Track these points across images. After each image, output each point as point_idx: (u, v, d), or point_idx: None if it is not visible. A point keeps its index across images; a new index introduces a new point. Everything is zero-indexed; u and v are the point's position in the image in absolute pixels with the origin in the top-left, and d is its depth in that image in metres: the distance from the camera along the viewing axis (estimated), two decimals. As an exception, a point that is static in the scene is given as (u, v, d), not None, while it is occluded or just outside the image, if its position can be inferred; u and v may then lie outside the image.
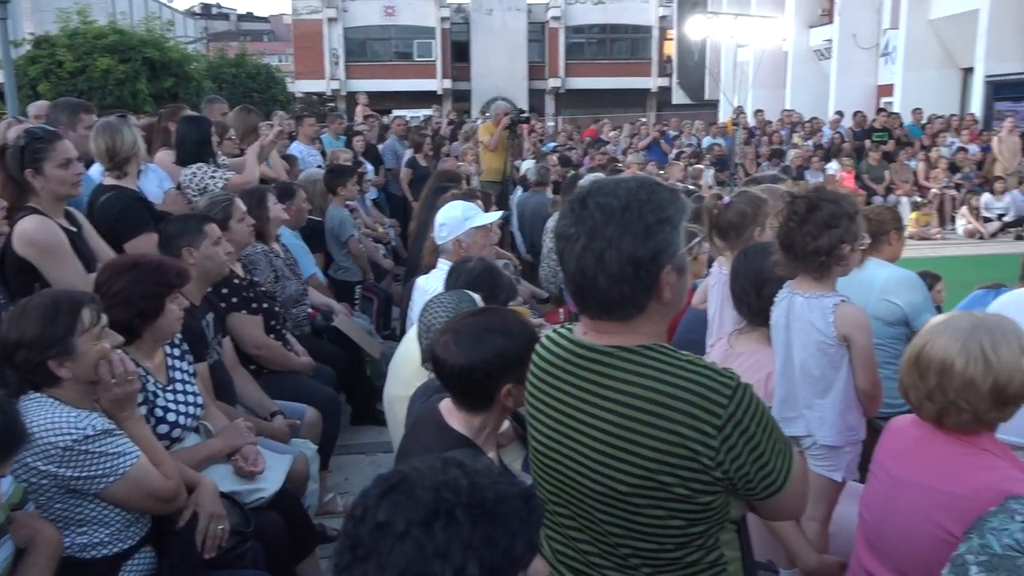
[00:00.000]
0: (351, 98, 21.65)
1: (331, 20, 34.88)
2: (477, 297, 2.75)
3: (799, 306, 2.47)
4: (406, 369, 2.94)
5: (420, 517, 0.98)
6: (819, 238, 2.39)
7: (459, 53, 35.87)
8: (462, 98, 34.95)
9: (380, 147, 10.18)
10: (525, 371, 1.79)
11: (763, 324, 2.67)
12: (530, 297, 5.58)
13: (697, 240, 1.60)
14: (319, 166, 7.39)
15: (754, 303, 2.71)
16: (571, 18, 36.50)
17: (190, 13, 44.84)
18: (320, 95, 33.95)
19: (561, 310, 5.40)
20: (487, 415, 2.04)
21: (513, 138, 8.91)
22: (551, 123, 23.19)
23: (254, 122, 6.03)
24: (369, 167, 8.79)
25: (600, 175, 6.19)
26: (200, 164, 4.66)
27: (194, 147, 4.74)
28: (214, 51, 26.94)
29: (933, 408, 1.89)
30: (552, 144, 15.33)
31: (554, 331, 1.70)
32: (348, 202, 6.34)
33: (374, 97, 22.23)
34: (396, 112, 18.84)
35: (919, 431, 1.97)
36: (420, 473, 1.04)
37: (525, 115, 10.25)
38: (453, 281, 3.17)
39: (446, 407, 2.08)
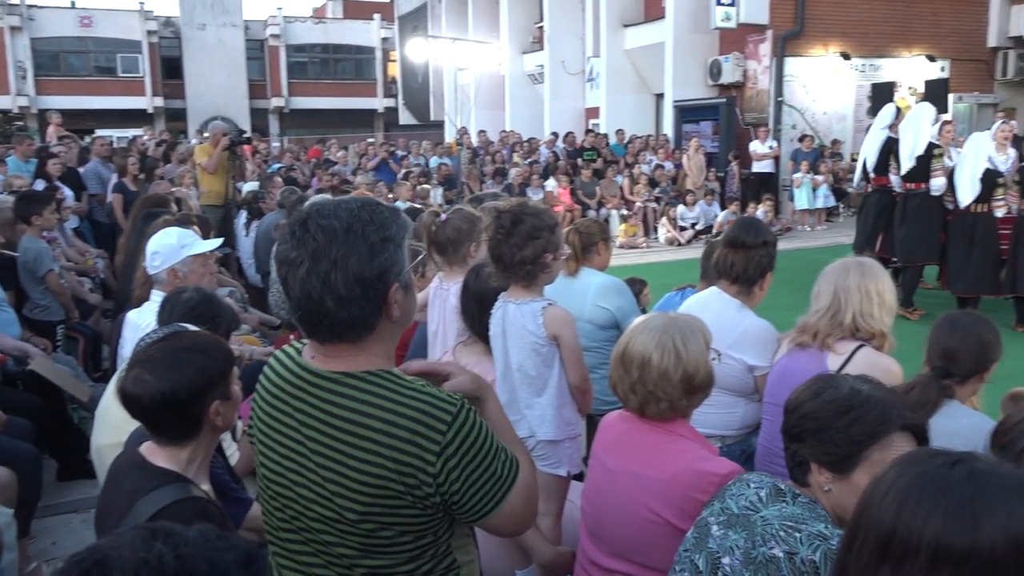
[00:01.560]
0: (44, 116, 19.42)
1: (14, 29, 31.06)
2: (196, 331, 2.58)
3: (512, 313, 2.64)
4: (116, 413, 2.67)
5: None
6: (524, 248, 2.56)
7: (171, 69, 33.60)
8: (177, 117, 32.81)
9: (82, 171, 9.24)
10: (229, 387, 1.75)
11: (484, 337, 2.80)
12: (259, 325, 5.36)
13: (420, 258, 1.63)
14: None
15: (475, 321, 2.86)
16: (291, 37, 35.67)
17: None
18: (5, 112, 30.19)
19: (292, 336, 5.24)
20: (196, 443, 1.93)
21: (234, 159, 8.59)
22: (276, 143, 22.43)
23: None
24: (68, 192, 7.97)
25: (327, 196, 6.11)
26: None
27: None
28: None
29: (636, 400, 2.11)
30: (277, 165, 14.87)
31: (283, 350, 1.64)
32: (45, 232, 5.70)
33: (73, 115, 20.19)
34: (100, 132, 17.20)
35: (627, 424, 2.18)
36: (119, 552, 0.91)
37: (246, 135, 9.92)
38: (167, 313, 2.96)
39: (148, 448, 1.94)
